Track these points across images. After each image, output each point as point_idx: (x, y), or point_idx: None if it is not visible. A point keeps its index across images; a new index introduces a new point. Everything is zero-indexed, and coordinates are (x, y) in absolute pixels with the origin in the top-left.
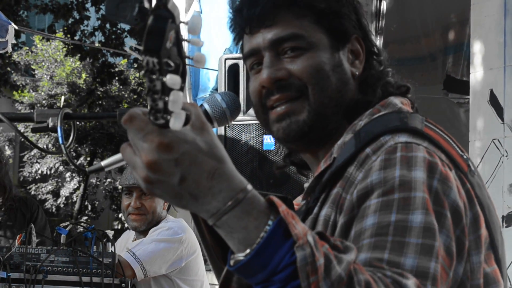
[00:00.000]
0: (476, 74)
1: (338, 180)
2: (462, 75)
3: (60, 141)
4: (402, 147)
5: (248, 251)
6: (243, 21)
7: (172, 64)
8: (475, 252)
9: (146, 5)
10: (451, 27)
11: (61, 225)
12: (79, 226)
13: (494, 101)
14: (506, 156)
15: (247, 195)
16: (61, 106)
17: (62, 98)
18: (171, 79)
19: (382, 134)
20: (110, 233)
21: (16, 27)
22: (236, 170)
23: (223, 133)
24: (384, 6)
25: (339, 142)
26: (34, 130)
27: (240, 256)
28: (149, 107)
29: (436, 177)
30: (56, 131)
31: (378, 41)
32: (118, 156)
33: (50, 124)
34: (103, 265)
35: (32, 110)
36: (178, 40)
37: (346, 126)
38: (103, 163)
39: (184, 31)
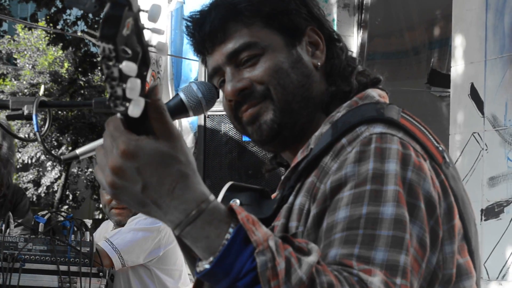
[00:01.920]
0: (457, 67)
1: (313, 169)
2: (448, 70)
3: (35, 129)
4: (377, 138)
5: (211, 259)
6: (198, 44)
7: (129, 51)
8: (448, 242)
9: None
10: (437, 22)
11: (39, 213)
12: (57, 215)
13: (474, 94)
14: (486, 149)
15: (208, 206)
16: (41, 95)
17: (42, 86)
18: (127, 66)
19: (358, 124)
20: (88, 222)
21: None
22: (200, 182)
23: (202, 123)
24: None
25: (316, 133)
26: (9, 118)
27: (205, 263)
28: (108, 94)
29: (410, 168)
30: (31, 119)
31: (361, 34)
32: (93, 144)
33: (26, 112)
34: (81, 254)
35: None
36: (138, 28)
37: (323, 118)
38: (78, 151)
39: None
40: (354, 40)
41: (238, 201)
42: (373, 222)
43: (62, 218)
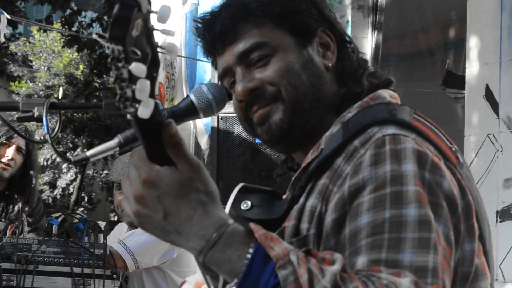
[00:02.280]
0: (472, 69)
1: (325, 170)
2: (463, 71)
3: (46, 131)
4: (390, 139)
5: (235, 280)
6: (208, 45)
7: (138, 52)
8: (467, 240)
9: None
10: (452, 23)
11: (53, 215)
12: (71, 217)
13: (489, 96)
14: (501, 151)
15: (227, 230)
16: (60, 98)
17: (61, 89)
18: (136, 67)
19: (370, 126)
20: (102, 224)
21: (9, 17)
22: (219, 207)
23: (216, 125)
24: (382, 0)
25: (327, 134)
26: (19, 119)
27: (231, 285)
28: (118, 95)
29: (427, 167)
30: (41, 121)
31: (376, 36)
32: (103, 146)
33: (36, 114)
34: (94, 256)
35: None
36: (147, 29)
37: (334, 119)
38: (88, 153)
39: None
40: (368, 42)
41: (249, 202)
42: (397, 226)
43: (76, 220)
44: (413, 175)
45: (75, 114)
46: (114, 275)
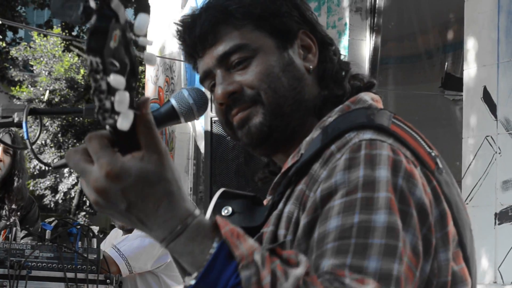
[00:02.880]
0: (470, 70)
1: (303, 176)
2: (462, 73)
3: (25, 137)
4: (366, 144)
5: (195, 274)
6: (188, 48)
7: (117, 64)
8: (442, 249)
9: (91, 4)
10: (450, 25)
11: (46, 220)
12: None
13: (487, 98)
14: (499, 153)
15: (192, 222)
16: (45, 100)
17: (47, 92)
18: (115, 79)
19: (347, 131)
20: (95, 229)
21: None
22: (186, 198)
23: (209, 129)
24: (380, 2)
25: (307, 139)
26: None
27: (191, 279)
28: (96, 107)
29: (401, 175)
30: (21, 126)
31: (374, 38)
32: None
33: (16, 119)
34: (88, 261)
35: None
36: (126, 39)
37: (315, 122)
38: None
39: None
40: (366, 44)
41: (230, 208)
42: (365, 231)
43: (68, 225)
44: (386, 181)
45: (76, 119)
46: (108, 280)
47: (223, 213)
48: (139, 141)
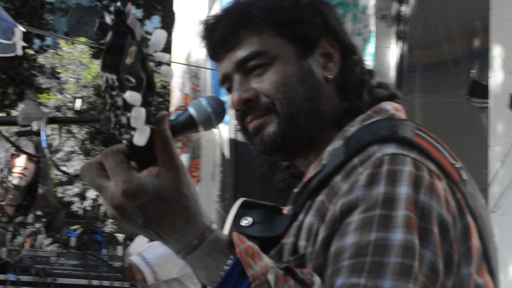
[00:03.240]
0: (496, 78)
1: (324, 187)
2: (488, 80)
3: (44, 145)
4: (389, 160)
5: None
6: (209, 50)
7: (133, 80)
8: (465, 264)
9: (108, 20)
10: (476, 33)
11: (71, 228)
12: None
13: None
14: None
15: (208, 238)
16: (77, 108)
17: (78, 101)
18: (131, 96)
19: (371, 144)
20: (120, 236)
21: (24, 29)
22: (202, 212)
23: (233, 136)
24: (406, 10)
25: (329, 149)
26: (18, 134)
27: None
28: (112, 123)
29: (422, 191)
30: (40, 135)
31: (400, 46)
32: None
33: (34, 128)
34: (113, 268)
35: (58, 113)
36: (142, 55)
37: (334, 132)
38: None
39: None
40: (392, 52)
41: (250, 219)
42: (381, 249)
43: (93, 232)
44: (406, 198)
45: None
46: None
47: (243, 223)
48: (155, 155)
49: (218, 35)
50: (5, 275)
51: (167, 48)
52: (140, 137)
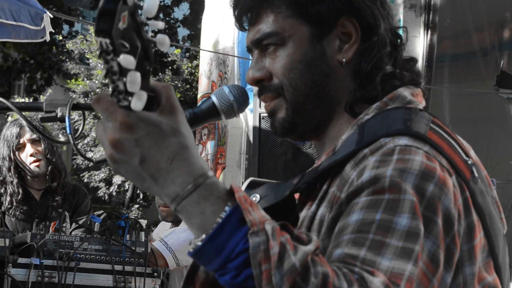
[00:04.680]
0: None
1: (336, 176)
2: None
3: (68, 131)
4: (400, 149)
5: (203, 236)
6: (236, 19)
7: (127, 45)
8: (468, 263)
9: None
10: (506, 23)
11: (95, 213)
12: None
13: None
14: None
15: (206, 181)
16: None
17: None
18: (125, 59)
19: (383, 137)
20: (143, 222)
21: (51, 16)
22: (199, 156)
23: (257, 124)
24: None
25: (343, 137)
26: (43, 120)
27: (197, 241)
28: (111, 89)
29: (433, 181)
30: (64, 121)
31: (430, 36)
32: None
33: (59, 114)
34: (135, 254)
35: (86, 98)
36: (135, 22)
37: (345, 117)
38: None
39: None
40: (420, 41)
41: (258, 195)
42: (385, 229)
43: (116, 218)
44: (414, 185)
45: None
46: (155, 273)
47: None
48: (152, 105)
49: (240, 9)
50: (29, 259)
51: (196, 35)
52: (137, 103)
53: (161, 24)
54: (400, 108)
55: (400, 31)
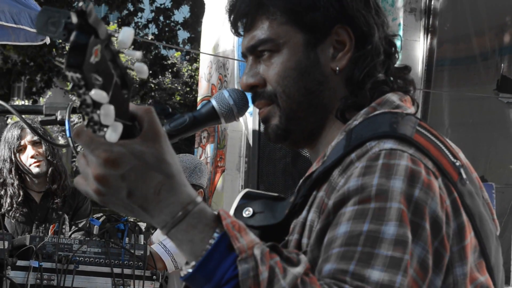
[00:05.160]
0: None
1: (324, 181)
2: None
3: (68, 135)
4: (385, 154)
5: (193, 263)
6: (231, 25)
7: (99, 78)
8: (459, 264)
9: (73, 20)
10: (506, 28)
11: (94, 216)
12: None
13: None
14: None
15: (194, 209)
16: None
17: None
18: (96, 94)
19: (369, 140)
20: (143, 225)
21: None
22: (186, 183)
23: (257, 128)
24: (436, 3)
25: (332, 143)
26: (42, 123)
27: (188, 267)
28: (86, 120)
29: (418, 186)
30: (64, 124)
31: (429, 40)
32: None
33: (59, 117)
34: (134, 257)
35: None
36: (111, 52)
37: (337, 123)
38: None
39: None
40: (420, 45)
41: (251, 209)
42: (373, 240)
43: (115, 221)
44: (400, 192)
45: None
46: (154, 276)
47: (244, 214)
48: (135, 130)
49: (235, 15)
50: (28, 261)
51: (196, 38)
52: (112, 134)
53: (138, 54)
54: (387, 113)
55: (397, 40)
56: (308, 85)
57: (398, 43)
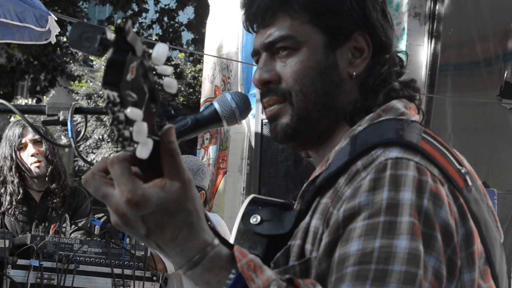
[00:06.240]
0: None
1: (329, 188)
2: None
3: (70, 135)
4: (392, 164)
5: None
6: (246, 22)
7: (134, 95)
8: (467, 270)
9: (109, 36)
10: (511, 34)
11: (95, 216)
12: None
13: None
14: None
15: (209, 253)
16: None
17: None
18: (132, 112)
19: (375, 147)
20: None
21: (56, 18)
22: (205, 227)
23: (259, 130)
24: (440, 8)
25: (336, 148)
26: (45, 123)
27: None
28: (116, 135)
29: (426, 196)
30: (66, 125)
31: (433, 45)
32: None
33: (61, 118)
34: (135, 257)
35: (89, 100)
36: (144, 68)
37: (346, 128)
38: None
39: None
40: (424, 50)
41: (259, 217)
42: (385, 257)
43: None
44: (410, 204)
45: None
46: (154, 277)
47: (251, 221)
48: (162, 165)
49: (255, 10)
50: (29, 261)
51: (200, 39)
52: (143, 150)
53: (169, 70)
54: (392, 119)
55: (402, 56)
56: (326, 86)
57: (403, 47)
